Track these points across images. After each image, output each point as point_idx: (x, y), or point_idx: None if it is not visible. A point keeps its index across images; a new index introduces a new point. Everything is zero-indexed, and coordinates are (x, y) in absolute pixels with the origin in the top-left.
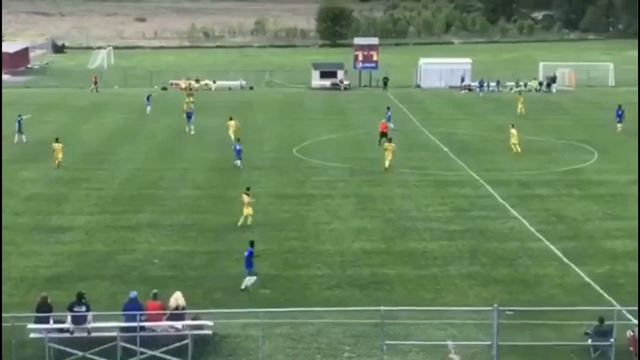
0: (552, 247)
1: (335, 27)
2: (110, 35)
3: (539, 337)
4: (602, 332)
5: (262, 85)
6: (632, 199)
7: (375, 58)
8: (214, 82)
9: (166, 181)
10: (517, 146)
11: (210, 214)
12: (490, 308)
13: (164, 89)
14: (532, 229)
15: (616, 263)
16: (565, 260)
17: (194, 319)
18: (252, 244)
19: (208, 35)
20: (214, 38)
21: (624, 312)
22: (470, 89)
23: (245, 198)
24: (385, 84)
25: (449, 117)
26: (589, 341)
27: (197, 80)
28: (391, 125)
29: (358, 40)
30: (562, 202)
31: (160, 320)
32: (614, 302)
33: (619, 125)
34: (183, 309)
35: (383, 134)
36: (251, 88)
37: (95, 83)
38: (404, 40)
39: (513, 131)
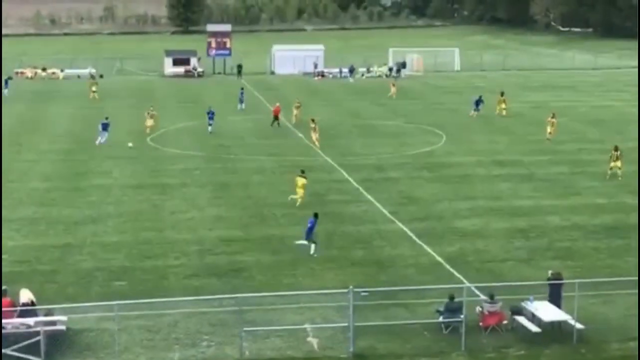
0: (404, 228)
1: (187, 14)
2: None
3: (393, 316)
4: (453, 309)
5: (112, 73)
6: (478, 180)
7: (228, 45)
8: (62, 70)
9: (14, 173)
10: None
11: (61, 206)
12: (345, 290)
13: (10, 78)
14: (386, 212)
15: (465, 242)
16: (418, 240)
17: (46, 314)
18: (316, 215)
19: (55, 22)
20: (61, 25)
21: (473, 288)
22: (323, 75)
23: (300, 180)
24: (240, 71)
25: (304, 104)
26: (441, 318)
27: (44, 69)
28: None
29: (211, 27)
30: (413, 185)
31: (11, 317)
32: (464, 280)
33: (474, 112)
34: (33, 304)
35: (276, 118)
36: (101, 76)
37: None
38: (256, 27)
39: (553, 120)
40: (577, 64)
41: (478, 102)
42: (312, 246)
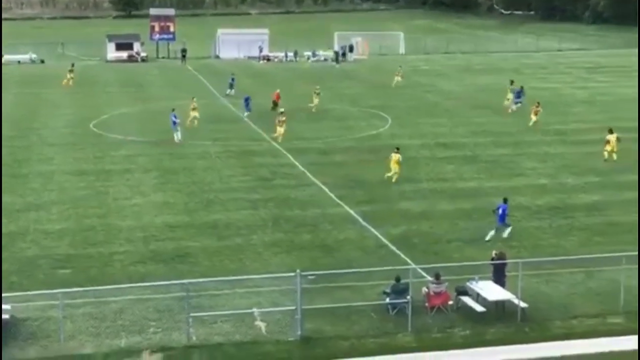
0: (351, 211)
1: None
2: None
3: (340, 299)
4: (399, 291)
5: (54, 58)
6: (422, 162)
7: (172, 29)
8: (1, 56)
9: None
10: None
11: (3, 193)
12: (293, 274)
13: None
14: (332, 195)
15: (411, 223)
16: (364, 223)
17: None
18: (505, 200)
19: None
20: None
21: (419, 270)
22: (269, 59)
23: (395, 156)
24: (184, 55)
25: (249, 87)
26: (387, 299)
27: None
28: (231, 92)
29: (153, 11)
30: (359, 167)
31: None
32: (410, 261)
33: (514, 106)
34: None
35: (275, 103)
36: (42, 61)
37: None
38: (200, 11)
39: (611, 137)
40: (520, 47)
41: (519, 94)
42: (508, 229)
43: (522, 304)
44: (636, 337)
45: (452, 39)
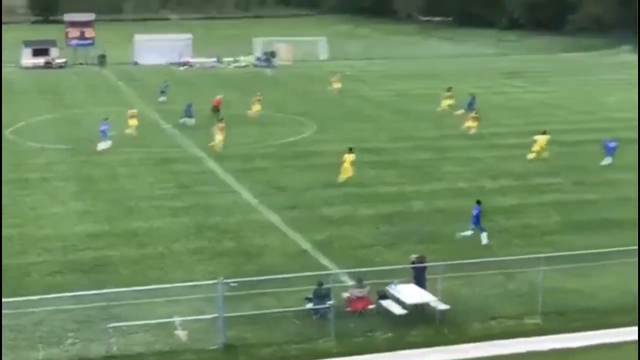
0: (273, 217)
1: (47, 2)
2: None
3: (262, 305)
4: (321, 296)
5: None
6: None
7: (90, 34)
8: (1, 59)
9: None
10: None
11: None
12: (214, 281)
13: None
14: (254, 201)
15: (333, 229)
16: (286, 229)
17: None
18: (478, 202)
19: None
20: None
21: (341, 274)
22: (190, 65)
23: (348, 157)
24: (102, 61)
25: (170, 94)
26: (309, 305)
27: None
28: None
29: (68, 17)
30: (282, 173)
31: None
32: (332, 266)
33: (464, 112)
34: None
35: (216, 109)
36: None
37: None
38: (120, 17)
39: (539, 138)
40: (438, 53)
41: (472, 103)
42: (484, 235)
43: (442, 306)
44: (554, 337)
45: (372, 45)
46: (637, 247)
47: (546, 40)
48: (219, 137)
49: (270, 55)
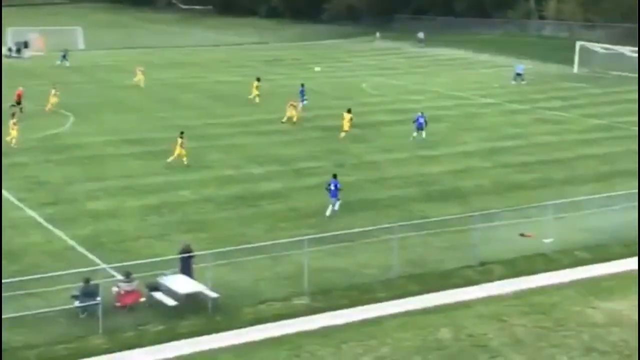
0: (34, 214)
1: None
2: None
3: (27, 307)
4: (89, 293)
5: None
6: (108, 159)
7: None
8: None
9: None
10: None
11: None
12: None
13: None
14: (13, 199)
15: (99, 223)
16: (49, 226)
17: None
18: (335, 175)
19: None
20: None
21: (109, 269)
22: None
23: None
24: None
25: None
26: (77, 303)
27: None
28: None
29: None
30: (42, 168)
31: None
32: (99, 261)
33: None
34: None
35: (18, 102)
36: None
37: None
38: None
39: (350, 116)
40: (200, 41)
41: (302, 93)
42: (337, 203)
43: (213, 294)
44: (322, 315)
45: (133, 34)
46: (395, 225)
47: (304, 28)
48: (13, 133)
49: (22, 46)
